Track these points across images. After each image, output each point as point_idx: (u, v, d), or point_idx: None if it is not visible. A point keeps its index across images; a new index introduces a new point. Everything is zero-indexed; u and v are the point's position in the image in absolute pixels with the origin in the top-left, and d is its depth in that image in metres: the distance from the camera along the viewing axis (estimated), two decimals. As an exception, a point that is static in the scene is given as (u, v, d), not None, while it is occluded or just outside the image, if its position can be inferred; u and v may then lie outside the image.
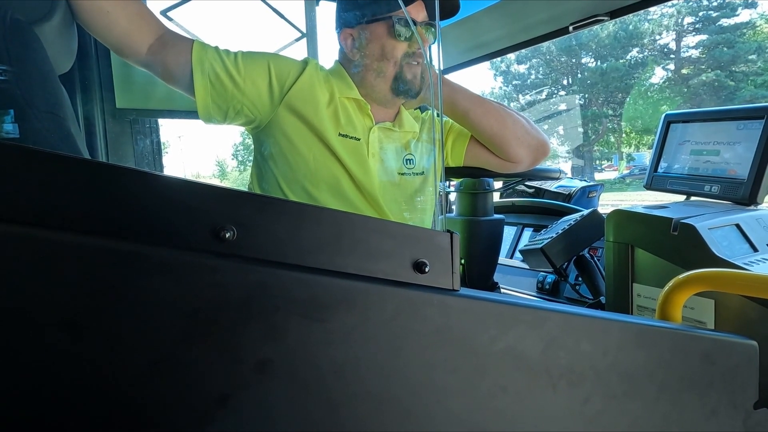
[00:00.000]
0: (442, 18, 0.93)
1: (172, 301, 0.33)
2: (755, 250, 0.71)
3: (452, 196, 1.28)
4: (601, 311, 0.48)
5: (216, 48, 0.83)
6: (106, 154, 1.11)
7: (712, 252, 0.65)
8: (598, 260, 1.08)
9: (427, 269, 0.40)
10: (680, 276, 0.56)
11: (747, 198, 0.79)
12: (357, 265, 0.39)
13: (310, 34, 1.49)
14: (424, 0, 0.89)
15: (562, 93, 22.64)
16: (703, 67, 19.26)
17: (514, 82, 23.75)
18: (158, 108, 1.16)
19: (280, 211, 0.37)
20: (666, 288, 0.57)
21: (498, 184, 1.19)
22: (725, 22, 19.06)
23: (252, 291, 0.35)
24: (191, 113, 0.85)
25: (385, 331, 0.38)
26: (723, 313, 0.65)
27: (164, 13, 1.16)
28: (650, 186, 0.98)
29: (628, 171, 20.52)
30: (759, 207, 0.81)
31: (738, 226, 0.72)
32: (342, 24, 0.94)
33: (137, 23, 0.75)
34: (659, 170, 0.98)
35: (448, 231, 0.42)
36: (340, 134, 0.88)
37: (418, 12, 0.88)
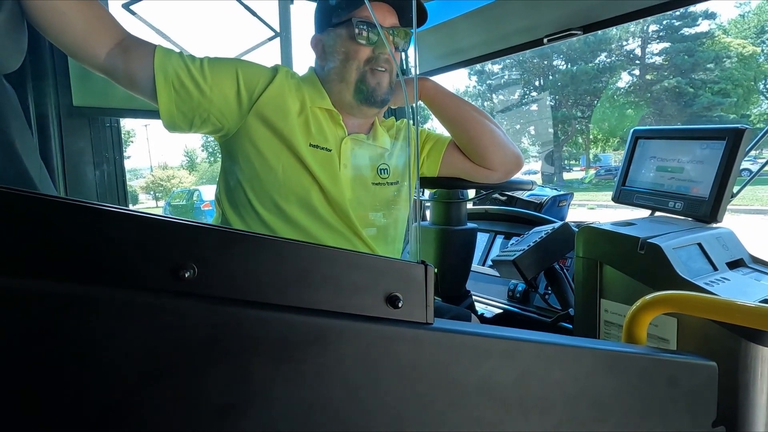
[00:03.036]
0: (406, 25, 0.91)
1: (126, 346, 0.31)
2: (715, 269, 0.73)
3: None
4: (572, 338, 0.48)
5: (180, 54, 0.78)
6: (62, 156, 1.03)
7: (676, 272, 0.68)
8: (567, 270, 1.10)
9: (400, 304, 0.39)
10: (646, 297, 0.57)
11: (708, 216, 0.82)
12: (328, 301, 0.37)
13: (284, 34, 1.45)
14: (393, 6, 0.87)
15: (534, 94, 23.18)
16: (666, 73, 20.16)
17: (488, 82, 24.12)
18: (119, 106, 1.10)
19: (244, 245, 0.35)
20: (632, 309, 0.58)
21: (472, 194, 1.19)
22: (687, 31, 19.99)
23: (214, 332, 0.33)
24: (155, 113, 0.80)
25: (357, 368, 0.37)
26: (685, 332, 0.67)
27: (126, 6, 1.10)
28: (618, 199, 1.01)
29: (595, 171, 21.29)
30: (719, 225, 0.84)
31: (700, 245, 0.75)
32: (315, 29, 0.92)
33: (95, 26, 0.70)
34: (627, 184, 1.00)
35: (422, 262, 0.41)
36: (310, 144, 0.85)
37: (384, 17, 0.87)
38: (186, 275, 0.32)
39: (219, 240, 0.34)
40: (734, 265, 0.77)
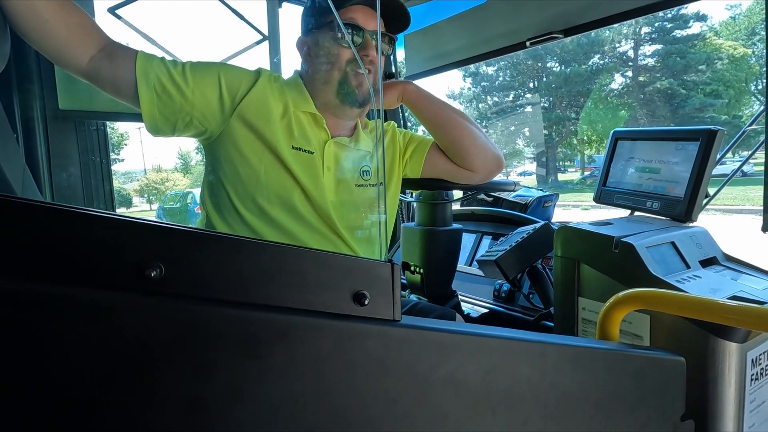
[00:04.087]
0: (394, 32, 0.94)
1: (93, 344, 0.32)
2: (688, 266, 0.75)
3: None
4: (540, 334, 0.50)
5: (162, 59, 0.80)
6: (48, 160, 1.04)
7: (649, 270, 0.69)
8: (551, 270, 1.12)
9: (366, 301, 0.40)
10: (618, 295, 0.58)
11: (683, 215, 0.84)
12: (294, 299, 0.38)
13: (272, 37, 1.46)
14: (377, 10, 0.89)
15: (529, 95, 23.30)
16: (658, 75, 20.33)
17: (482, 84, 24.23)
18: (105, 110, 1.10)
19: (211, 245, 0.36)
20: (605, 306, 0.59)
21: (458, 195, 1.21)
22: (678, 33, 20.18)
23: (181, 330, 0.34)
24: (141, 116, 0.81)
25: (323, 364, 0.38)
26: (657, 328, 0.68)
27: (112, 10, 1.10)
28: (599, 199, 1.03)
29: (589, 172, 21.41)
30: (693, 224, 0.86)
31: (673, 243, 0.76)
32: (301, 32, 0.94)
33: (78, 33, 0.71)
34: (607, 185, 1.02)
35: (389, 261, 0.42)
36: (293, 147, 0.87)
37: (368, 21, 0.88)
38: (152, 274, 0.33)
39: (185, 239, 0.35)
40: (707, 263, 0.79)
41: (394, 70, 1.60)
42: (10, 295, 0.29)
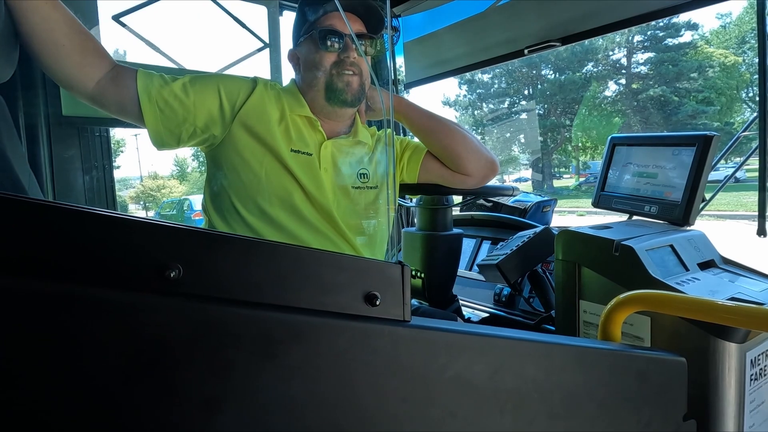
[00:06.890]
0: (373, 31, 0.95)
1: (112, 343, 0.32)
2: (686, 269, 0.76)
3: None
4: (545, 334, 0.51)
5: (161, 75, 0.83)
6: (51, 165, 1.04)
7: (649, 273, 0.70)
8: (551, 274, 1.13)
9: (378, 302, 0.41)
10: (619, 297, 0.59)
11: (681, 219, 0.86)
12: (308, 300, 0.39)
13: (273, 45, 1.47)
14: (357, 14, 0.92)
15: (524, 103, 23.51)
16: (651, 82, 20.58)
17: (478, 91, 24.42)
18: (108, 116, 1.11)
19: (228, 246, 0.36)
20: (607, 307, 0.60)
21: (458, 200, 1.22)
22: (671, 41, 20.47)
23: (198, 329, 0.35)
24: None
25: (336, 364, 0.39)
26: (657, 329, 0.70)
27: (116, 18, 1.12)
28: (597, 204, 1.04)
29: (584, 178, 21.57)
30: (691, 227, 0.87)
31: (672, 246, 0.78)
32: (292, 46, 0.98)
33: (90, 58, 0.74)
34: (605, 189, 1.04)
35: (399, 262, 0.43)
36: (292, 150, 0.89)
37: (345, 25, 0.91)
38: (172, 275, 0.34)
39: (204, 241, 0.36)
40: (705, 265, 0.81)
41: (395, 77, 1.62)
42: (36, 294, 0.30)
